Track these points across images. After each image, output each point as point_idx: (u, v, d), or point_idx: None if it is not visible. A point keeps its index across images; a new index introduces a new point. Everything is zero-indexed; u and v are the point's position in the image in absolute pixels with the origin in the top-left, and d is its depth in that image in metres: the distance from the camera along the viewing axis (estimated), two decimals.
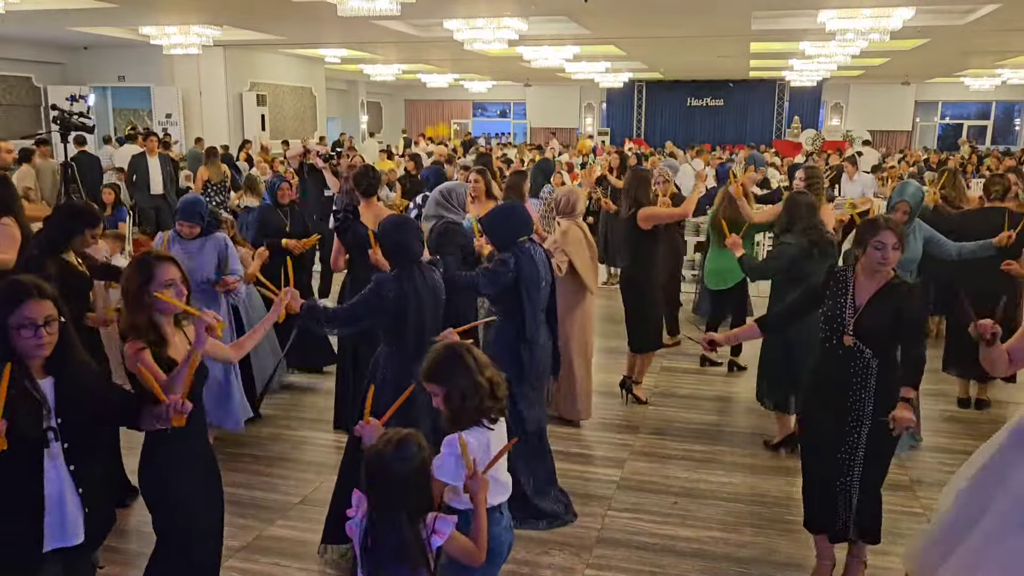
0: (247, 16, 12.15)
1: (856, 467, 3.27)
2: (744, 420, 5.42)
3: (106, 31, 13.60)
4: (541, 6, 10.83)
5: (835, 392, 3.26)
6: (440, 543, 2.22)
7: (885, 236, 3.18)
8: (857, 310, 3.22)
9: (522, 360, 3.99)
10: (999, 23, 11.44)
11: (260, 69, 17.39)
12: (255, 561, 3.67)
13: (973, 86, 22.35)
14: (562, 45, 15.09)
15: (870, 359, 3.20)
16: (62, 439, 2.29)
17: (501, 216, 4.17)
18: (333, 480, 4.46)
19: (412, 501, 2.21)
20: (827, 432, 3.31)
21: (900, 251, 3.22)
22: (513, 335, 4.02)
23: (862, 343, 3.20)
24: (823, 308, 3.34)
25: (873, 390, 3.20)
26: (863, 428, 3.22)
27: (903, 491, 4.37)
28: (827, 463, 3.33)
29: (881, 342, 3.20)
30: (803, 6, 11.12)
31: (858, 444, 3.25)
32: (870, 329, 3.19)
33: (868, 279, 3.26)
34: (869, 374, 3.20)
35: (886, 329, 3.19)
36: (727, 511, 4.18)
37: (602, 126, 27.13)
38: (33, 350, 2.24)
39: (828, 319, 3.30)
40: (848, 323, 3.23)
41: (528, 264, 3.97)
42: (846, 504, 3.32)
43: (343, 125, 23.51)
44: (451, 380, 2.47)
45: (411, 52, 17.29)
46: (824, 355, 3.35)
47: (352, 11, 9.19)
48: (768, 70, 21.54)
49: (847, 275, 3.33)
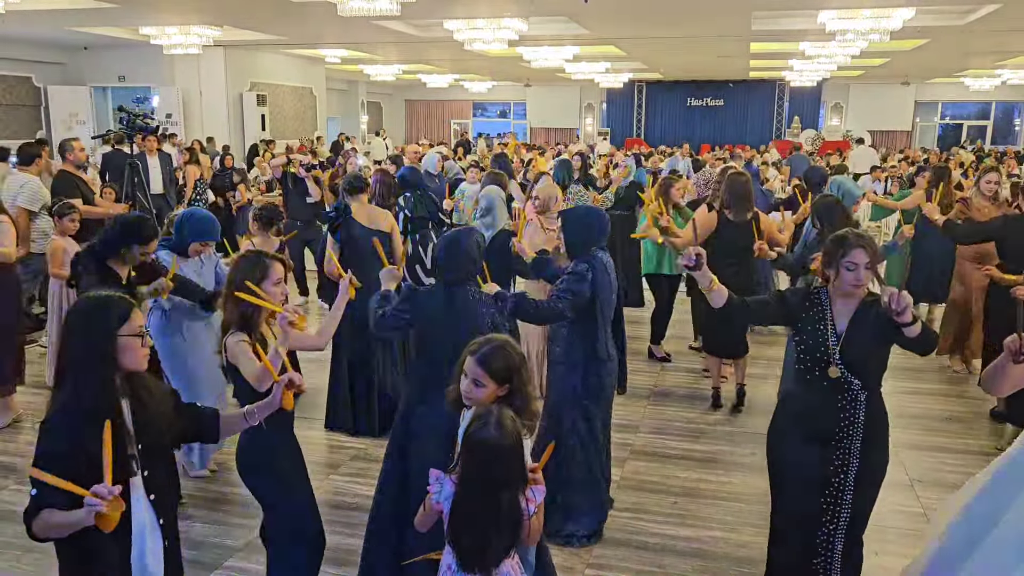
0: (247, 16, 12.16)
1: (844, 511, 2.95)
2: (744, 420, 5.42)
3: (106, 31, 13.60)
4: (541, 6, 10.83)
5: (819, 428, 2.94)
6: (533, 511, 2.21)
7: (857, 256, 2.85)
8: (840, 337, 2.89)
9: (602, 381, 3.73)
10: (999, 23, 11.44)
11: (260, 69, 17.40)
12: (255, 561, 3.67)
13: (973, 86, 22.35)
14: (562, 45, 15.08)
15: (858, 391, 2.90)
16: (141, 467, 2.15)
17: (579, 218, 3.80)
18: (332, 480, 4.48)
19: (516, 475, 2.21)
20: (809, 473, 2.96)
21: (873, 270, 2.87)
22: (585, 354, 3.70)
23: (850, 374, 2.88)
24: (800, 336, 2.98)
25: (862, 424, 2.90)
26: (851, 468, 2.92)
27: (903, 490, 4.37)
28: (809, 508, 2.99)
29: (870, 371, 2.92)
30: (803, 6, 11.12)
31: (844, 486, 2.94)
32: (858, 358, 2.88)
33: (843, 301, 2.94)
34: (857, 407, 2.90)
35: (873, 355, 2.91)
36: (727, 511, 4.18)
37: (602, 126, 27.13)
38: (142, 361, 2.18)
39: (808, 349, 2.94)
40: (833, 352, 2.88)
41: (602, 273, 3.63)
42: (827, 556, 3.01)
43: (343, 125, 23.51)
44: (517, 377, 2.44)
45: (411, 52, 17.29)
46: (805, 387, 2.99)
47: (352, 11, 9.19)
48: (768, 70, 21.54)
49: (821, 297, 2.98)
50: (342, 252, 4.99)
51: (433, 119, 29.37)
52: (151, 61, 15.31)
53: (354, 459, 4.77)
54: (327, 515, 4.03)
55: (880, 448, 2.97)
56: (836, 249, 2.90)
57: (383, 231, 5.03)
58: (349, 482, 4.49)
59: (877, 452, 2.96)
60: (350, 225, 5.00)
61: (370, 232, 4.90)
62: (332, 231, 5.04)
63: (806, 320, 2.97)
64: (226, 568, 3.65)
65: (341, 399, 5.13)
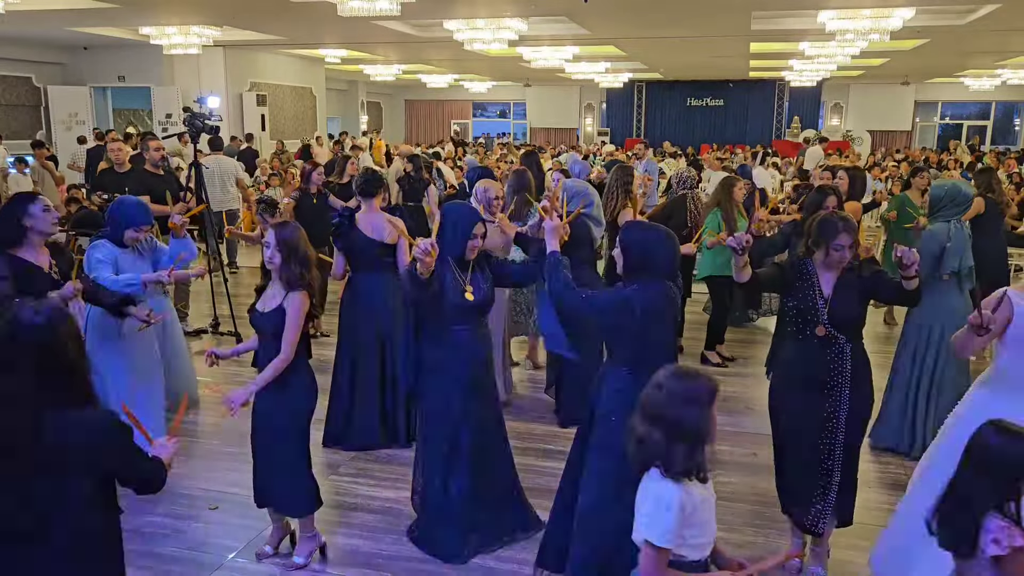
0: (247, 16, 12.16)
1: (837, 449, 3.37)
2: (744, 420, 5.41)
3: (106, 31, 13.60)
4: (541, 6, 10.83)
5: (813, 381, 3.35)
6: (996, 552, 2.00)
7: (843, 239, 3.29)
8: (827, 301, 3.33)
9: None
10: (999, 23, 11.44)
11: (260, 69, 17.40)
12: (255, 561, 3.67)
13: (973, 86, 22.36)
14: (562, 45, 15.09)
15: (844, 344, 3.33)
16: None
17: (648, 239, 3.07)
18: (332, 480, 4.48)
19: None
20: (807, 422, 3.37)
21: (855, 248, 3.34)
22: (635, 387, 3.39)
23: (836, 331, 3.31)
24: (792, 301, 3.41)
25: (849, 374, 3.33)
26: (841, 413, 3.34)
27: (902, 490, 4.36)
28: (807, 451, 3.40)
29: (854, 327, 3.36)
30: (803, 6, 11.13)
31: (837, 429, 3.35)
32: (843, 318, 3.32)
33: (827, 270, 3.38)
34: (844, 359, 3.33)
35: (857, 315, 3.36)
36: (727, 511, 4.17)
37: (602, 126, 27.13)
38: None
39: (800, 312, 3.37)
40: (822, 313, 3.32)
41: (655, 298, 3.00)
42: (824, 488, 3.39)
43: (343, 125, 23.52)
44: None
45: (411, 52, 17.29)
46: (797, 347, 3.43)
47: (352, 11, 9.19)
48: (768, 70, 21.54)
49: (808, 267, 3.41)
50: (348, 258, 4.84)
51: (433, 119, 29.37)
52: (151, 61, 15.31)
53: (354, 459, 4.76)
54: (327, 515, 4.05)
55: (865, 389, 3.42)
56: (825, 232, 3.33)
57: (386, 243, 4.76)
58: (349, 482, 4.49)
59: (863, 392, 3.40)
60: (351, 233, 4.72)
61: (371, 243, 4.71)
62: (333, 236, 4.88)
63: (797, 288, 3.39)
64: (226, 568, 3.65)
65: (341, 417, 4.89)
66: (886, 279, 3.43)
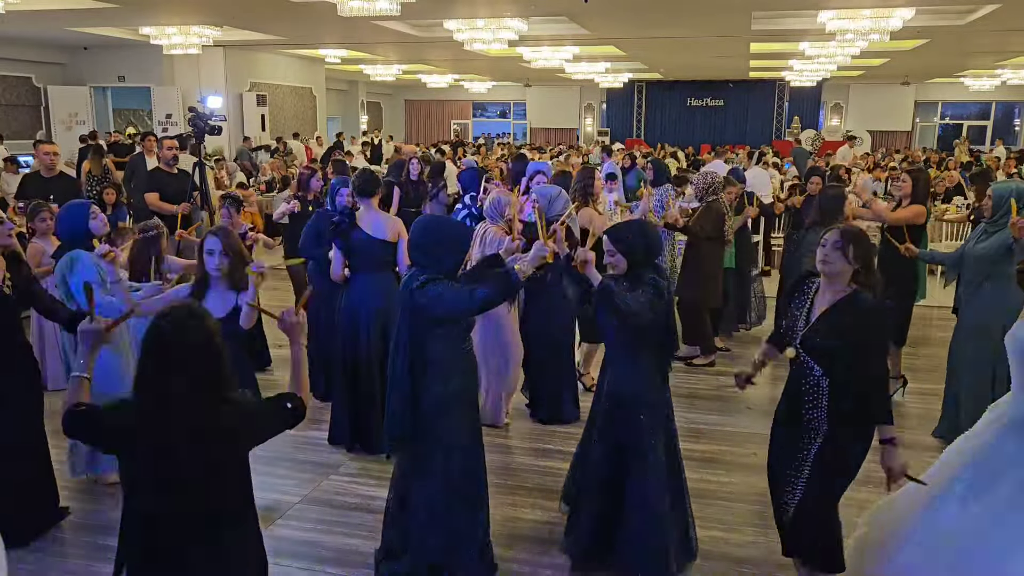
0: (247, 16, 12.16)
1: (798, 488, 3.02)
2: (744, 420, 5.41)
3: (106, 31, 13.61)
4: (541, 7, 10.84)
5: (792, 405, 3.08)
6: None
7: (828, 235, 2.97)
8: (809, 323, 3.00)
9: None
10: (999, 23, 11.45)
11: (260, 69, 17.40)
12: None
13: (973, 86, 22.36)
14: (562, 45, 15.09)
15: (820, 378, 2.96)
16: None
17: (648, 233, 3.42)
18: (332, 480, 4.48)
19: None
20: (781, 445, 3.15)
21: (846, 253, 2.89)
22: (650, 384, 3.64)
23: (810, 359, 2.98)
24: (787, 315, 3.16)
25: (825, 410, 2.95)
26: (813, 446, 2.98)
27: None
28: (776, 477, 3.17)
29: (833, 363, 2.92)
30: (803, 6, 11.13)
31: (804, 462, 3.00)
32: (817, 346, 2.95)
33: (827, 289, 3.00)
34: (820, 393, 2.96)
35: (834, 349, 2.91)
36: (727, 511, 4.18)
37: (602, 126, 27.14)
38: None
39: (787, 328, 3.12)
40: (798, 335, 3.01)
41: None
42: (781, 522, 3.18)
43: (343, 125, 23.53)
44: None
45: (411, 52, 17.29)
46: (789, 371, 3.15)
47: (352, 11, 9.19)
48: (768, 70, 21.54)
49: (809, 285, 3.10)
50: (347, 260, 4.80)
51: (433, 119, 29.38)
52: (151, 61, 15.32)
53: (354, 459, 4.76)
54: (327, 515, 4.06)
55: (842, 442, 2.96)
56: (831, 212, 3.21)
57: (387, 240, 4.72)
58: (349, 482, 4.49)
59: (837, 444, 2.96)
60: (351, 231, 4.69)
61: (372, 240, 4.68)
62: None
63: (794, 302, 3.15)
64: None
65: (347, 415, 4.88)
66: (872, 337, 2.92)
